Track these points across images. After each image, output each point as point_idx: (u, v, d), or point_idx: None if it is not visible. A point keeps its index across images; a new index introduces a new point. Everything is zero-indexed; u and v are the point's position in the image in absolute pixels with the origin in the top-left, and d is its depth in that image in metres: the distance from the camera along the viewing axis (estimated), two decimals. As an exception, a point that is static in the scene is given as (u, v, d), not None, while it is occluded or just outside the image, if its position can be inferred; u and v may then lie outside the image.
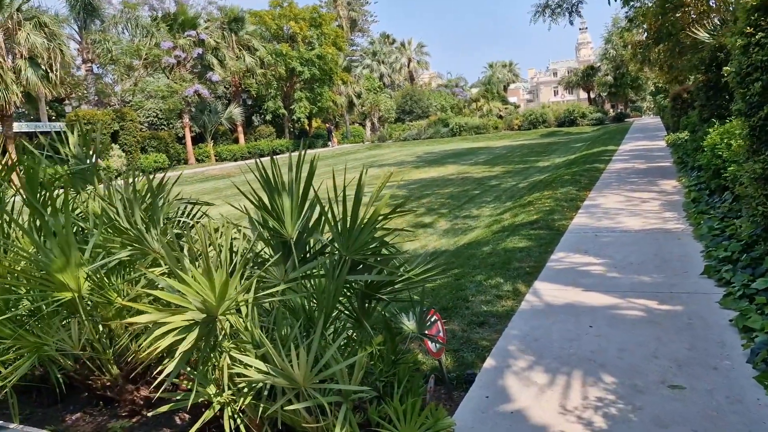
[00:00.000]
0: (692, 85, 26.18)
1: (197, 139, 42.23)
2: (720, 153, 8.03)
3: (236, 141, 44.80)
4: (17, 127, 28.34)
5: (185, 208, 4.45)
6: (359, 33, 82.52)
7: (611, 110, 61.91)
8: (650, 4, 23.15)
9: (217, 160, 40.72)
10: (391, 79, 76.26)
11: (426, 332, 3.61)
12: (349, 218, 3.32)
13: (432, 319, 3.76)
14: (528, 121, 51.71)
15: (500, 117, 57.61)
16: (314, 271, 3.41)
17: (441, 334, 3.87)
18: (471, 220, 11.66)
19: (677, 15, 26.46)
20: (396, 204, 3.48)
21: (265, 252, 3.43)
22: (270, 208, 3.29)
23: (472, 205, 13.58)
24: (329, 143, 52.07)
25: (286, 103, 46.94)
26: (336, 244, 3.31)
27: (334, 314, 3.35)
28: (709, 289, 5.11)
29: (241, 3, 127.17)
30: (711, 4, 27.35)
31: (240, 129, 44.36)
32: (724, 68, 5.47)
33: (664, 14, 25.49)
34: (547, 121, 51.32)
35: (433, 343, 3.75)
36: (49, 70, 26.76)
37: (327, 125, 49.89)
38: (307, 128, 52.66)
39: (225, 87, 45.81)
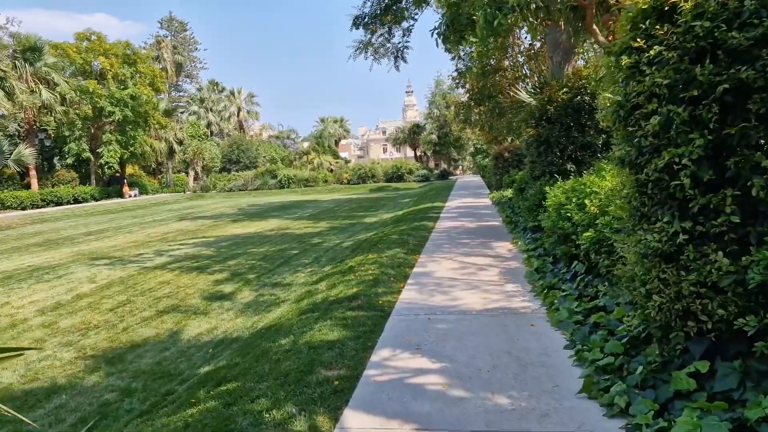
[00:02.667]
0: (512, 145, 26.91)
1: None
2: (568, 215, 6.76)
3: (28, 186, 38.51)
4: None
5: None
6: (187, 79, 78.47)
7: (435, 168, 64.14)
8: (472, 66, 23.43)
9: (-1, 208, 34.36)
10: (220, 128, 72.85)
11: None
12: None
13: None
14: (357, 176, 51.32)
15: (331, 171, 56.81)
16: None
17: None
18: (281, 290, 9.46)
19: (496, 78, 27.33)
20: None
21: None
22: None
23: (286, 269, 11.41)
24: (125, 193, 44.80)
25: (94, 145, 41.71)
26: None
27: None
28: (598, 424, 3.38)
29: (48, 35, 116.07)
30: (525, 71, 28.72)
31: (33, 173, 38.26)
32: (602, 95, 3.97)
33: (484, 76, 26.11)
34: (376, 176, 51.34)
35: None
36: None
37: (119, 173, 43.24)
38: (119, 175, 47.31)
39: (18, 124, 39.61)
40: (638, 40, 3.45)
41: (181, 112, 67.45)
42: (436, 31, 10.50)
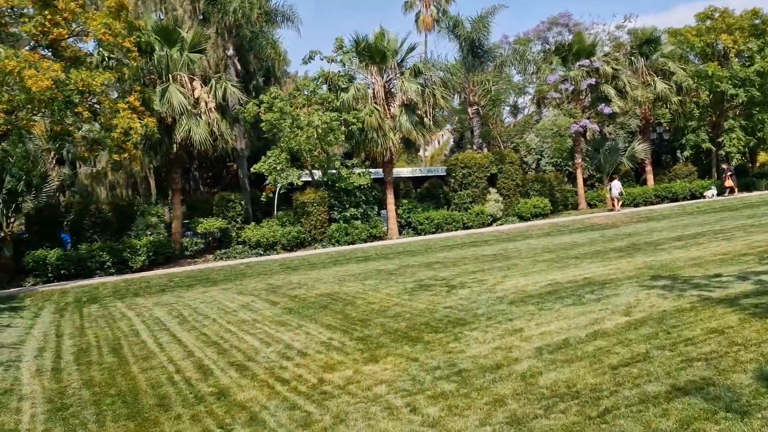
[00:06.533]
0: None
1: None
2: None
3: (644, 183, 38.02)
4: (396, 172, 29.28)
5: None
6: None
7: None
8: None
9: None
10: None
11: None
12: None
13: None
14: None
15: None
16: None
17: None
18: None
19: None
20: None
21: None
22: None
23: None
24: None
25: (715, 134, 37.79)
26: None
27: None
28: None
29: (657, 23, 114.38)
30: None
31: (648, 168, 37.47)
32: None
33: None
34: None
35: None
36: (424, 116, 26.78)
37: (749, 164, 35.50)
38: (749, 165, 41.77)
39: (639, 120, 39.69)
40: None
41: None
42: None
